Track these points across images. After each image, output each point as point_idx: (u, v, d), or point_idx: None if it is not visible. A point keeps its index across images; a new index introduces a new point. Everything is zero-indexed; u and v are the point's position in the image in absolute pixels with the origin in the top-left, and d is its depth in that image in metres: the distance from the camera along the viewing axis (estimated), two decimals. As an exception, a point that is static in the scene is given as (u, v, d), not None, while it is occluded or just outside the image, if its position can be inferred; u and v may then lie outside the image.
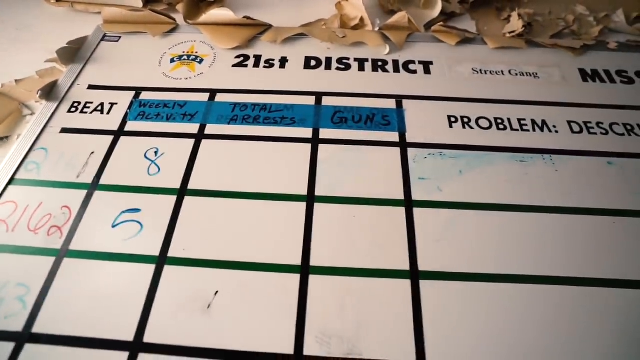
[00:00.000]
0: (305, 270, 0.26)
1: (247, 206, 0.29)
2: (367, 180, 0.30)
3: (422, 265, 0.26)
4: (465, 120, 0.34)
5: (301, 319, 0.24)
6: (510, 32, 0.42)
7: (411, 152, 0.32)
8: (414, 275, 0.26)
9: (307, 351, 0.22)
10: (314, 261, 0.26)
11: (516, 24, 0.42)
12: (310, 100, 0.35)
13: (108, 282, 0.25)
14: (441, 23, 0.41)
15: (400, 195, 0.29)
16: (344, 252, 0.26)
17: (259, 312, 0.24)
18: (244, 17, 0.40)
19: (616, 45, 0.41)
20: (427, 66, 0.38)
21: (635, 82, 0.38)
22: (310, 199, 0.29)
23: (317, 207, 0.29)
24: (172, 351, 0.23)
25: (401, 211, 0.28)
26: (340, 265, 0.26)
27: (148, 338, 0.23)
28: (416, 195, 0.29)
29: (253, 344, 0.23)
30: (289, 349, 0.22)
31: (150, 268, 0.26)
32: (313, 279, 0.25)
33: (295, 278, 0.25)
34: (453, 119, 0.34)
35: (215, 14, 0.39)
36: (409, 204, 0.29)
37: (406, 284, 0.25)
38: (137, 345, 0.22)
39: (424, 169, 0.31)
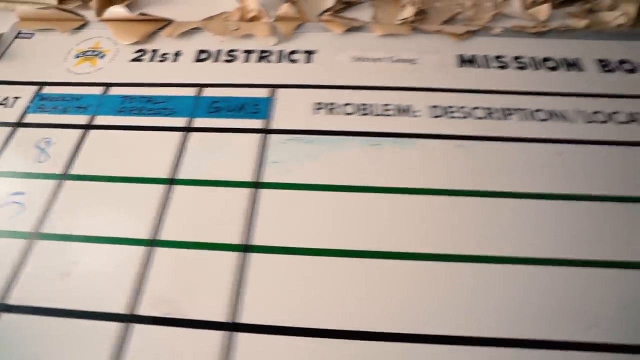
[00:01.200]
0: (152, 243, 0.29)
1: (115, 188, 0.32)
2: (225, 165, 0.33)
3: (256, 240, 0.29)
4: (331, 106, 0.36)
5: (141, 286, 0.28)
6: (402, 19, 0.43)
7: (272, 138, 0.35)
8: (245, 248, 0.29)
9: (140, 312, 0.26)
10: (162, 235, 0.30)
11: (408, 10, 0.43)
12: (193, 92, 0.38)
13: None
14: (330, 12, 0.43)
15: (250, 177, 0.32)
16: (187, 227, 0.30)
17: (106, 278, 0.28)
18: (140, 14, 0.42)
19: (500, 31, 0.42)
20: (309, 55, 0.41)
21: (509, 67, 0.39)
22: (171, 181, 0.32)
23: (176, 189, 0.32)
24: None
25: (248, 191, 0.32)
26: (182, 239, 0.29)
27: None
28: (266, 178, 0.32)
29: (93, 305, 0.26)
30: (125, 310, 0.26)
31: (26, 242, 0.30)
32: (158, 251, 0.29)
33: (141, 250, 0.29)
34: (319, 106, 0.36)
35: (113, 11, 0.42)
36: (257, 185, 0.32)
37: (238, 256, 0.29)
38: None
39: (279, 153, 0.33)
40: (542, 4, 0.44)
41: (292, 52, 0.41)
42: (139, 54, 0.42)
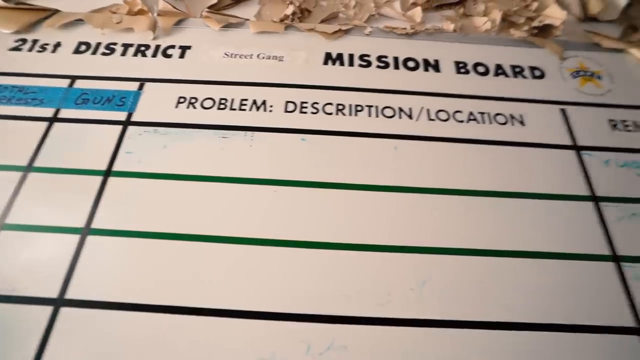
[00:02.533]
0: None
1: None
2: (82, 154, 0.35)
3: (97, 224, 0.32)
4: (192, 101, 0.38)
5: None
6: (282, 18, 0.45)
7: (131, 129, 0.37)
8: (85, 230, 0.32)
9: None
10: (10, 219, 0.32)
11: (290, 8, 0.45)
12: (65, 83, 0.40)
13: None
14: (213, 8, 0.44)
15: (103, 166, 0.34)
16: (36, 212, 0.32)
17: None
18: (22, 3, 0.43)
19: (372, 31, 0.44)
20: (184, 50, 0.42)
21: (371, 66, 0.42)
22: (27, 169, 0.34)
23: (30, 176, 0.34)
24: None
25: (99, 179, 0.34)
26: (31, 223, 0.31)
27: None
28: (117, 167, 0.34)
29: None
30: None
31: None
32: (2, 234, 0.31)
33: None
34: (182, 100, 0.38)
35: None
36: (107, 173, 0.34)
37: (77, 237, 0.31)
38: None
39: (134, 144, 0.36)
40: (417, 7, 0.47)
41: (169, 47, 0.42)
42: (19, 43, 0.43)
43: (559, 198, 0.35)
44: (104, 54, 0.42)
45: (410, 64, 0.42)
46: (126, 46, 0.42)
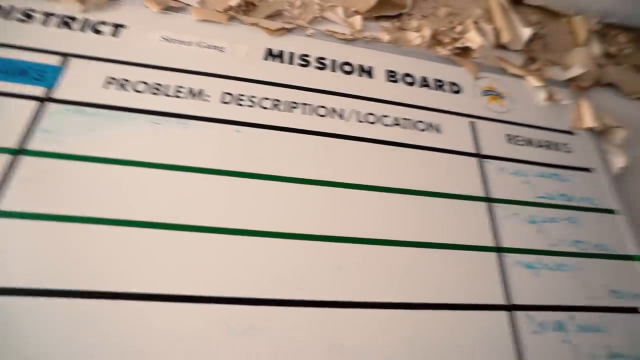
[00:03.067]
0: None
1: None
2: (-8, 129, 0.32)
3: (5, 206, 0.30)
4: (124, 83, 0.37)
5: None
6: (226, 8, 0.45)
7: (51, 106, 0.34)
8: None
9: None
10: None
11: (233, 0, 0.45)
12: (-26, 49, 0.36)
13: None
14: (152, -11, 0.43)
15: (12, 144, 0.32)
16: None
17: None
18: None
19: (313, 32, 0.47)
20: (117, 29, 0.41)
21: (310, 66, 0.44)
22: None
23: None
24: None
25: (7, 158, 0.31)
26: None
27: None
28: (33, 145, 0.32)
29: None
30: None
31: None
32: None
33: None
34: (112, 81, 0.37)
35: None
36: (19, 152, 0.32)
37: None
38: None
39: (54, 123, 0.34)
40: (358, 15, 0.50)
41: (100, 23, 0.40)
42: None
43: (460, 198, 0.40)
44: (20, 20, 0.38)
45: (347, 67, 0.45)
46: (48, 15, 0.39)
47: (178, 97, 0.37)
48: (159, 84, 0.38)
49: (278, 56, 0.44)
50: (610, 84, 0.61)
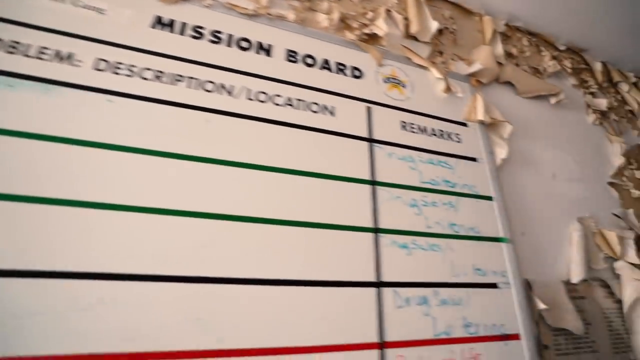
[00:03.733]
0: None
1: None
2: None
3: None
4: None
5: None
6: (114, -33, 0.42)
7: None
8: None
9: None
10: None
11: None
12: None
13: None
14: None
15: None
16: None
17: None
18: None
19: (211, 4, 0.45)
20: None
21: (203, 39, 0.43)
22: None
23: None
24: None
25: None
26: None
27: None
28: None
29: None
30: None
31: None
32: None
33: None
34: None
35: None
36: None
37: None
38: None
39: None
40: (265, -10, 0.49)
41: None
42: None
43: (345, 179, 0.42)
44: None
45: (244, 44, 0.44)
46: None
47: (40, 59, 0.34)
48: (16, 42, 0.34)
49: (168, 25, 0.41)
50: (508, 82, 0.66)
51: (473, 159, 0.52)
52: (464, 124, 0.54)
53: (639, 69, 0.89)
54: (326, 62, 0.48)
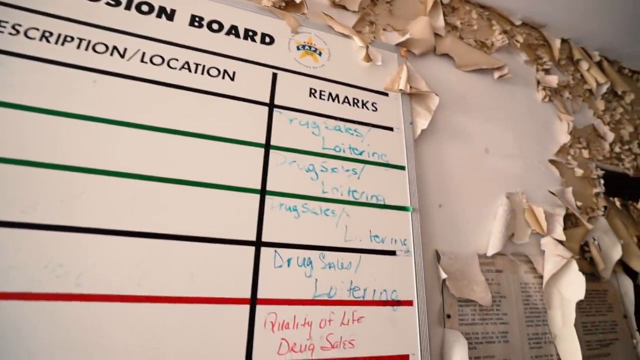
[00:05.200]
0: None
1: None
2: None
3: None
4: None
5: None
6: None
7: None
8: None
9: None
10: None
11: None
12: None
13: None
14: None
15: None
16: None
17: None
18: None
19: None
20: None
21: (99, 0, 0.43)
22: None
23: None
24: None
25: None
26: None
27: None
28: None
29: None
30: None
31: None
32: None
33: None
34: None
35: None
36: None
37: None
38: None
39: None
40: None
41: None
42: None
43: (238, 143, 0.42)
44: None
45: (144, 7, 0.44)
46: None
47: None
48: None
49: (74, -10, 0.42)
50: (447, 54, 0.64)
51: (389, 129, 0.51)
52: (385, 94, 0.54)
53: (607, 48, 0.86)
54: (234, 28, 0.48)
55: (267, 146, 0.43)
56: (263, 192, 0.41)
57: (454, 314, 0.48)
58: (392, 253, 0.45)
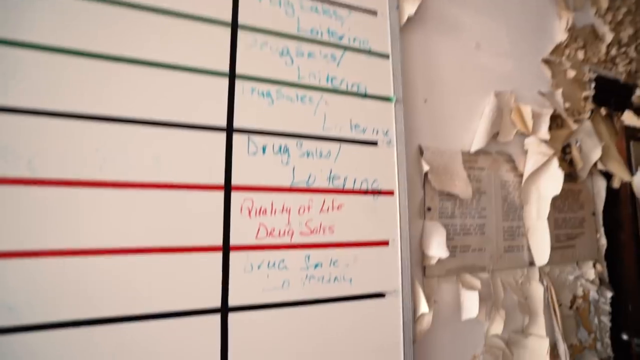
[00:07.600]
0: None
1: None
2: None
3: None
4: None
5: None
6: None
7: None
8: None
9: None
10: None
11: None
12: None
13: None
14: None
15: None
16: None
17: None
18: None
19: None
20: None
21: None
22: None
23: None
24: None
25: None
26: None
27: None
28: None
29: None
30: None
31: None
32: None
33: None
34: None
35: None
36: None
37: None
38: None
39: None
40: None
41: None
42: None
43: (200, 20, 0.36)
44: None
45: None
46: None
47: None
48: None
49: None
50: None
51: (373, 12, 0.46)
52: (367, -26, 0.47)
53: None
54: None
55: (235, 25, 0.38)
56: (232, 75, 0.37)
57: (435, 207, 0.49)
58: (374, 143, 0.43)
